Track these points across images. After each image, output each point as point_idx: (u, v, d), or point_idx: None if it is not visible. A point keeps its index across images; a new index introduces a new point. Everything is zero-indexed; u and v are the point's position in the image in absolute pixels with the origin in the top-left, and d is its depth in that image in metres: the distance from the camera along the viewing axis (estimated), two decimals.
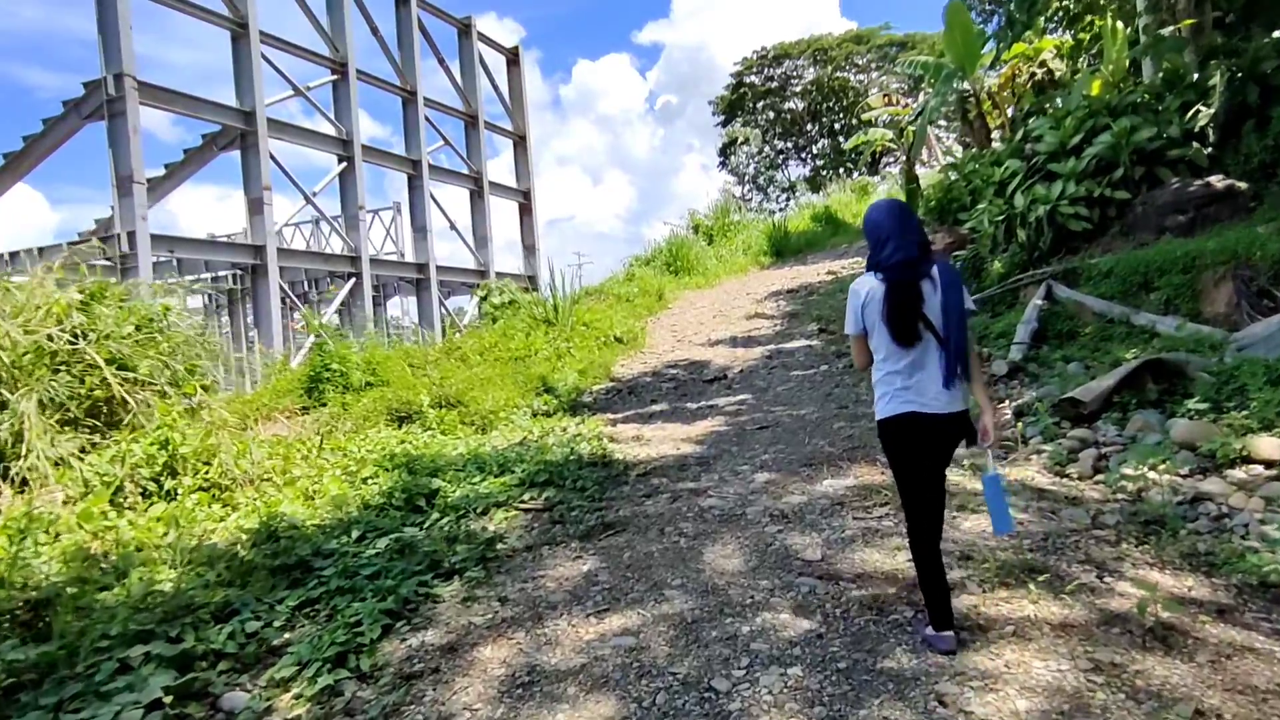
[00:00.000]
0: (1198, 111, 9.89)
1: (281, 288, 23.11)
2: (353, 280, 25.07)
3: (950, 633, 3.24)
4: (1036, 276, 9.46)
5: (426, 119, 28.17)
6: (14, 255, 21.54)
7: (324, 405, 8.86)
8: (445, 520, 5.14)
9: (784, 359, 10.04)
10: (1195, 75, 10.28)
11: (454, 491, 5.66)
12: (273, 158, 22.42)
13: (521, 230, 32.78)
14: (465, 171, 30.28)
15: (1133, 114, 10.12)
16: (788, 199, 39.66)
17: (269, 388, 10.26)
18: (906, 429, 3.23)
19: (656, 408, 8.65)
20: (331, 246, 31.94)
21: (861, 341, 3.41)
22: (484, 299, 14.35)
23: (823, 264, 17.36)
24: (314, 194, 24.23)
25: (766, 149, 44.35)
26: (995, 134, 15.07)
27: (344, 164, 24.90)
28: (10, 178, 20.89)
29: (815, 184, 37.82)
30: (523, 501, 5.49)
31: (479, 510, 5.34)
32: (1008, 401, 6.85)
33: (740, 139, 43.67)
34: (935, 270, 3.25)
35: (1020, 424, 6.26)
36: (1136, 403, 6.05)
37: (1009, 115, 14.97)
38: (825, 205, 24.73)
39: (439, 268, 27.91)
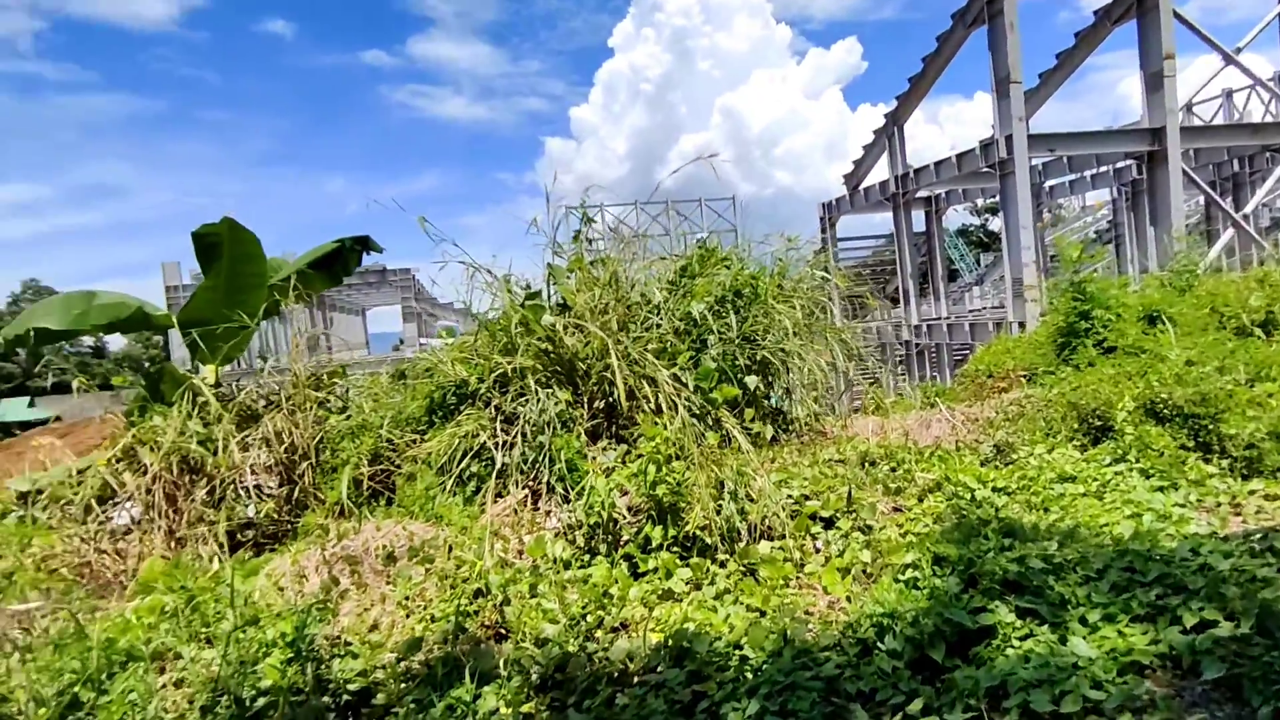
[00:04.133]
0: None
1: (1188, 174, 17.99)
2: None
3: None
4: None
5: None
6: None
7: (1067, 371, 5.62)
8: None
9: None
10: None
11: None
12: (1179, 17, 17.13)
13: None
14: None
15: None
16: None
17: (1020, 340, 7.30)
18: None
19: None
20: None
21: None
22: None
23: None
24: (1238, 51, 17.64)
25: None
26: None
27: None
28: (914, 98, 21.49)
29: None
30: None
31: None
32: None
33: None
34: None
35: None
36: None
37: None
38: None
39: None
